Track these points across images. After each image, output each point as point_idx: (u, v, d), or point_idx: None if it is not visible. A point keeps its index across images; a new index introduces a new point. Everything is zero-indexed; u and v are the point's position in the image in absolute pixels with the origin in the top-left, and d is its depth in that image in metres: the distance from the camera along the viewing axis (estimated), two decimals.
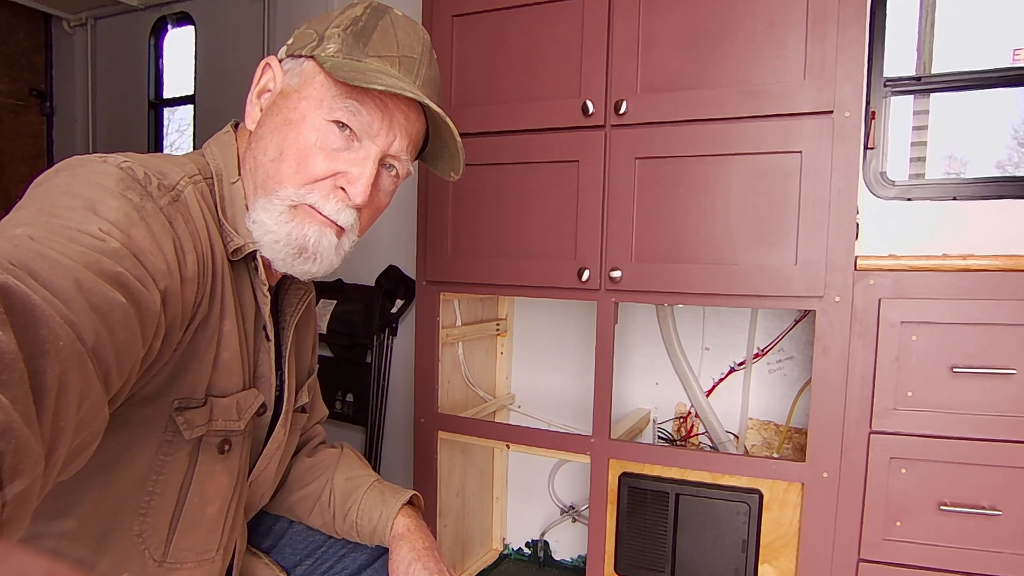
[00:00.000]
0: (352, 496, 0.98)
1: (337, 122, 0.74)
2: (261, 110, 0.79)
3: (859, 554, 1.33)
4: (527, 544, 2.13)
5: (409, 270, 2.24)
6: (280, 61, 0.80)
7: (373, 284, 2.29)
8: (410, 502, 0.99)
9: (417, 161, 0.91)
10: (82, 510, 0.67)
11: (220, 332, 0.73)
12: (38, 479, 0.38)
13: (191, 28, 2.81)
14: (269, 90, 0.80)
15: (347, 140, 0.75)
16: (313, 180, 0.75)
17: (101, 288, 0.49)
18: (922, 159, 1.91)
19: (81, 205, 0.57)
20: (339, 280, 2.38)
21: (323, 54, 0.76)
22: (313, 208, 0.75)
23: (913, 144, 1.87)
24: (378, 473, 1.04)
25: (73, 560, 0.67)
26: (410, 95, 0.73)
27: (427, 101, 0.74)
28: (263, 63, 0.81)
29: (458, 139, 0.80)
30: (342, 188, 0.76)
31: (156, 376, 0.66)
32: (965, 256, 1.29)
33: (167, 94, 3.00)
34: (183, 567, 0.75)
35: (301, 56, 0.78)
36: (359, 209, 0.78)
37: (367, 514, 0.96)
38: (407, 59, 0.78)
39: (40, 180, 0.62)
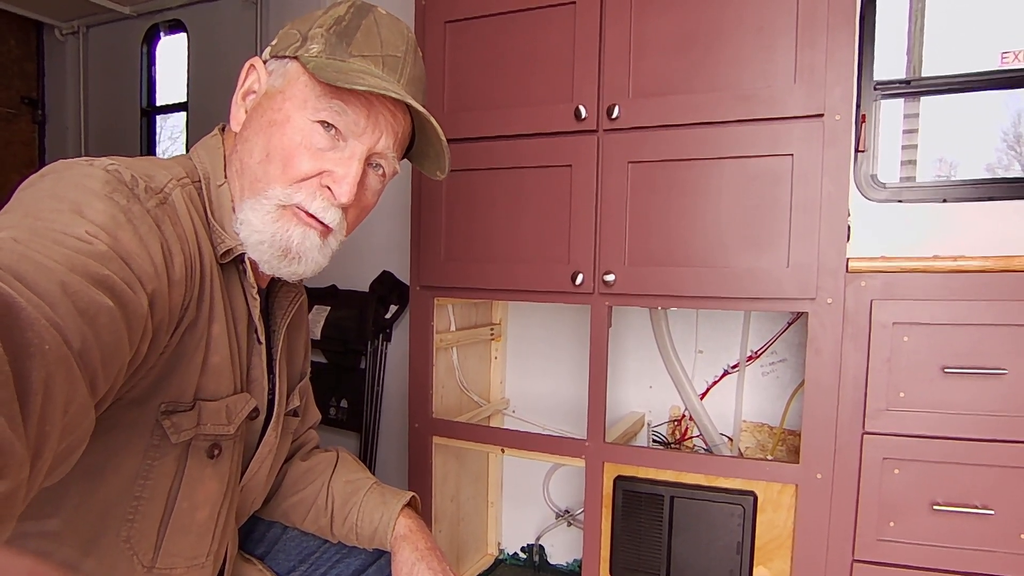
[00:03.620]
0: (352, 499, 0.98)
1: (322, 122, 0.74)
2: (246, 112, 0.79)
3: (853, 555, 1.33)
4: (522, 549, 2.12)
5: (403, 275, 2.24)
6: (264, 62, 0.80)
7: (367, 290, 2.29)
8: (409, 504, 0.99)
9: (408, 163, 0.91)
10: (66, 513, 0.66)
11: (208, 335, 0.73)
12: (23, 483, 0.38)
13: (184, 35, 2.81)
14: (254, 91, 0.80)
15: (332, 140, 0.75)
16: (299, 179, 0.75)
17: (87, 291, 0.49)
18: (912, 162, 1.92)
19: (67, 208, 0.57)
20: (333, 286, 2.37)
21: (306, 55, 0.76)
22: (300, 208, 0.75)
23: (903, 147, 1.89)
24: None
25: (58, 562, 0.66)
26: (394, 95, 0.72)
27: (411, 101, 0.74)
28: (248, 64, 0.81)
29: (443, 138, 0.80)
30: (328, 188, 0.76)
31: (142, 379, 0.66)
32: (955, 257, 1.29)
33: (160, 101, 2.99)
34: (173, 572, 0.75)
35: (285, 57, 0.78)
36: (345, 208, 0.78)
37: (368, 516, 0.96)
38: (391, 58, 0.78)
39: (26, 184, 0.62)
